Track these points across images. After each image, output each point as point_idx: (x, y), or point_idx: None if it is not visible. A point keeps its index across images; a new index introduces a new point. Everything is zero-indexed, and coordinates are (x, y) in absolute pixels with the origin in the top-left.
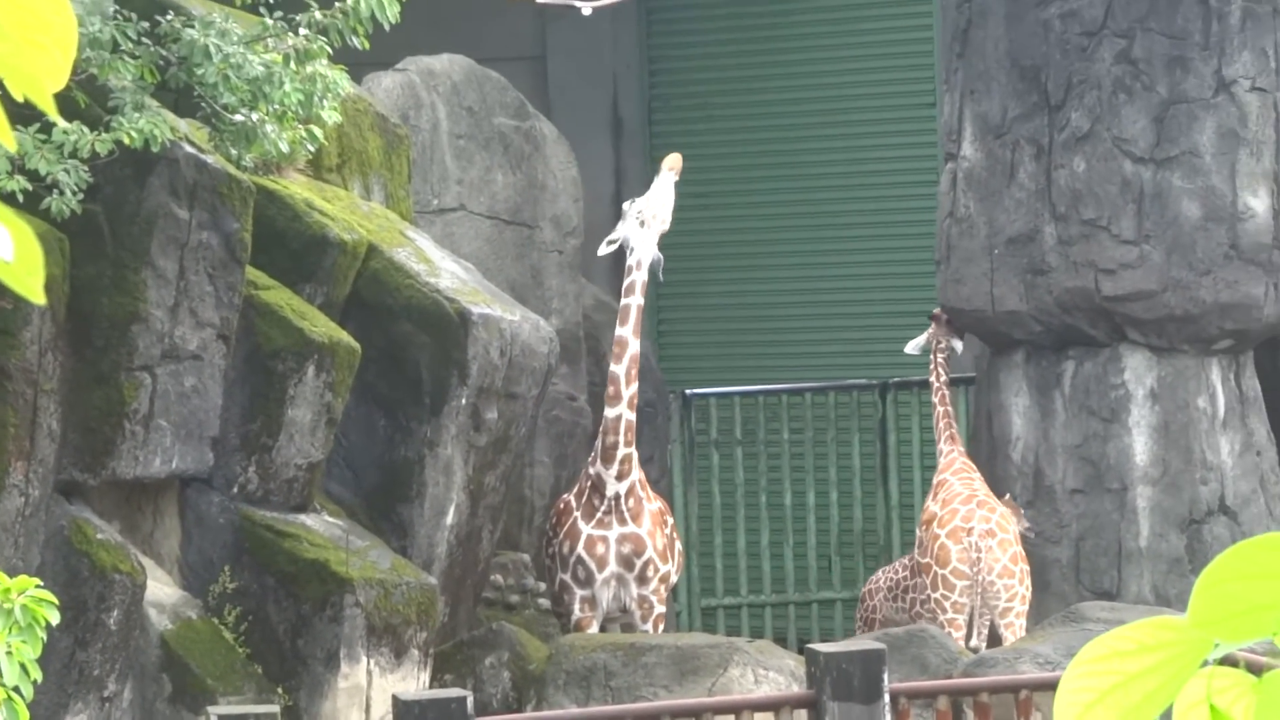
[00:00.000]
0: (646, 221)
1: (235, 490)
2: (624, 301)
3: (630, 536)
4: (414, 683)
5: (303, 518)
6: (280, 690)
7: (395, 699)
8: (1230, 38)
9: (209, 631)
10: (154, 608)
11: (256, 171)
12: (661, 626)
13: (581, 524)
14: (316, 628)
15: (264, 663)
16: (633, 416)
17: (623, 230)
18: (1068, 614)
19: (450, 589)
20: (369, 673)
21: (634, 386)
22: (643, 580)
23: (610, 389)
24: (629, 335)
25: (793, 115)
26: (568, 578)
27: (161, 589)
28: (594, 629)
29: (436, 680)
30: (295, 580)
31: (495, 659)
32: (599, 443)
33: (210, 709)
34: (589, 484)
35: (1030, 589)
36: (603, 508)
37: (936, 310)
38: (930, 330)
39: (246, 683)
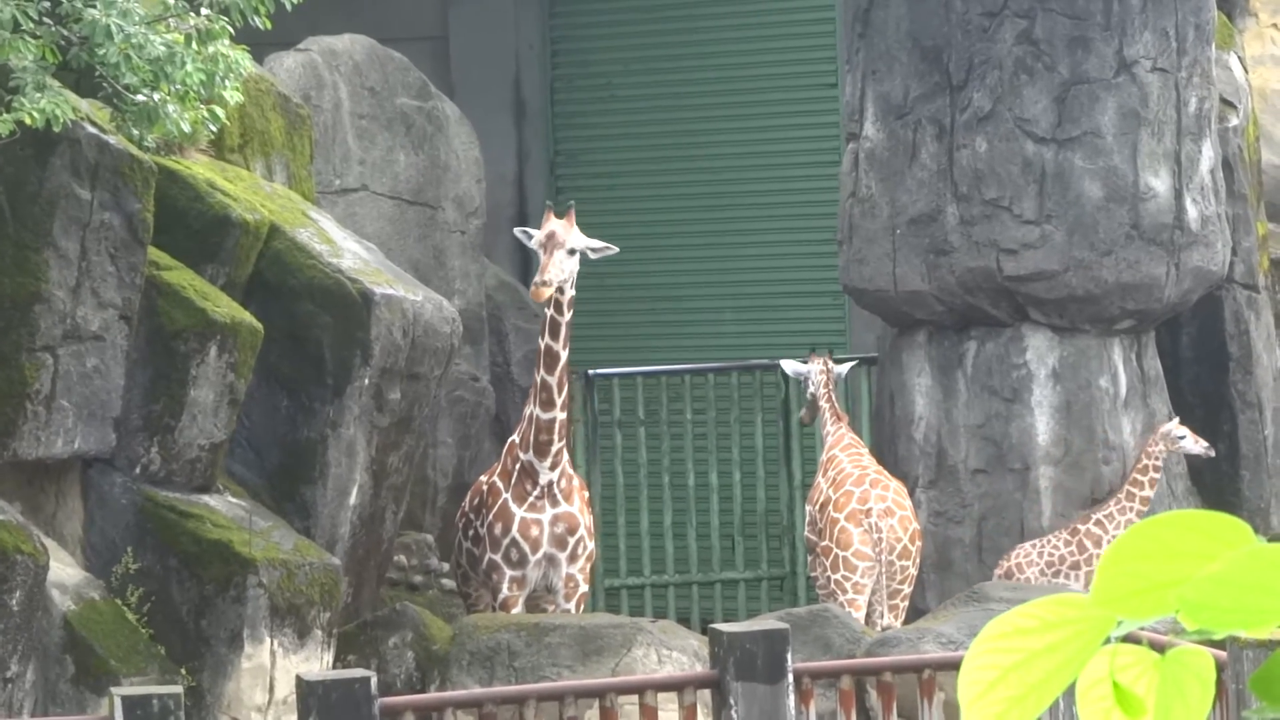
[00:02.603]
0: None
1: (138, 471)
2: (553, 315)
3: (564, 516)
4: (317, 663)
5: (205, 498)
6: (184, 671)
7: (299, 679)
8: (1131, 18)
9: (112, 612)
10: (56, 589)
11: (158, 152)
12: (583, 606)
13: (514, 507)
14: (220, 608)
15: (167, 643)
16: (565, 416)
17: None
18: (970, 594)
19: (353, 569)
20: (272, 653)
21: (565, 391)
22: (573, 558)
23: (544, 394)
24: (560, 349)
25: (695, 96)
26: (498, 558)
27: (64, 570)
28: (519, 609)
29: (340, 661)
30: (198, 561)
31: (399, 639)
32: (530, 437)
33: (114, 690)
34: (518, 468)
35: (918, 567)
36: (535, 492)
37: (817, 353)
38: (810, 366)
39: (150, 663)
